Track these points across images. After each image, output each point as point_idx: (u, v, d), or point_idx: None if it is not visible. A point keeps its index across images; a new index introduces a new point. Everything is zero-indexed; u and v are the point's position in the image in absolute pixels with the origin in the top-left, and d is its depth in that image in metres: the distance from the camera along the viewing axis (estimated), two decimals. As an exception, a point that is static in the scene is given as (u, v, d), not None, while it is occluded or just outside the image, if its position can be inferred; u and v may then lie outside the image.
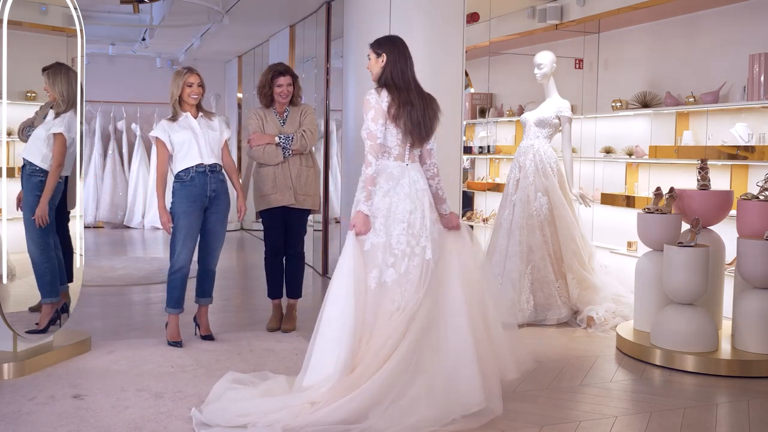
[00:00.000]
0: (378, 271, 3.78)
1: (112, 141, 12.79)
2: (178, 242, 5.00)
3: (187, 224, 4.99)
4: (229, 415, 3.52)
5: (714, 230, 5.29)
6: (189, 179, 4.98)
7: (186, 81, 5.03)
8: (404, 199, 3.90)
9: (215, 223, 5.14)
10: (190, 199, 4.98)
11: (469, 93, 9.96)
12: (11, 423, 3.63)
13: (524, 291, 5.87)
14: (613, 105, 7.41)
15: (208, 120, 5.15)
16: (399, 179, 3.94)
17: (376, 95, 3.94)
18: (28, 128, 4.92)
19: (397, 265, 3.80)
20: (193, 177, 4.98)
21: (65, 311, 4.94)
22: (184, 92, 5.04)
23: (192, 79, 5.06)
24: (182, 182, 5.00)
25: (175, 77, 5.07)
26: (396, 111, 3.93)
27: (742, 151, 5.96)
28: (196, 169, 4.99)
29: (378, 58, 4.05)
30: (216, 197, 5.08)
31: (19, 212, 4.77)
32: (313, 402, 3.52)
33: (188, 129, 5.02)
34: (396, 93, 3.95)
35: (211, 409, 3.61)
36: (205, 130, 5.07)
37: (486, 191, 9.69)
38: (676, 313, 4.88)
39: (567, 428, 3.72)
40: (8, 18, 4.40)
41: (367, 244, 3.83)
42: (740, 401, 4.19)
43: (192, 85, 5.04)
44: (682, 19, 7.00)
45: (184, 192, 4.98)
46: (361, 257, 3.79)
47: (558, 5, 7.91)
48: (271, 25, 10.21)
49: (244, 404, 3.60)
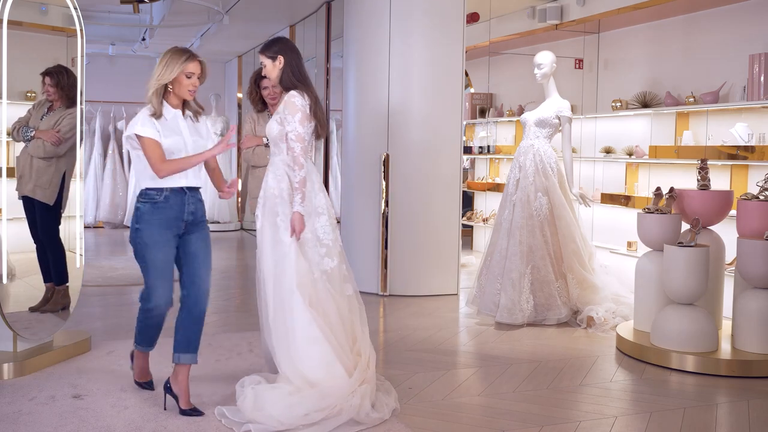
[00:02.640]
0: (316, 263, 3.97)
1: (112, 141, 12.78)
2: (151, 278, 3.83)
3: (161, 257, 3.79)
4: (295, 414, 3.58)
5: (714, 230, 5.29)
6: (162, 199, 3.78)
7: (186, 69, 3.83)
8: (319, 193, 4.05)
9: (198, 245, 3.89)
10: (163, 225, 3.77)
11: (469, 93, 9.97)
12: (11, 423, 3.63)
13: (524, 291, 5.87)
14: (613, 105, 7.41)
15: (194, 122, 3.97)
16: (311, 174, 4.03)
17: (301, 98, 3.98)
18: (24, 128, 4.91)
19: (330, 254, 4.01)
20: (167, 197, 3.78)
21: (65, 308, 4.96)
22: (179, 82, 3.83)
23: (193, 68, 3.87)
24: (153, 203, 3.77)
25: (170, 59, 3.81)
26: (314, 109, 4.02)
27: (742, 151, 5.96)
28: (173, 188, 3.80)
29: (274, 62, 4.05)
30: (194, 221, 3.87)
31: (18, 212, 4.76)
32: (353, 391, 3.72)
33: (178, 134, 3.83)
34: (306, 91, 4.02)
35: (269, 414, 3.60)
36: (194, 137, 3.89)
37: (486, 191, 9.70)
38: (676, 313, 4.88)
39: (567, 428, 3.72)
40: (8, 18, 4.40)
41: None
42: (740, 401, 4.19)
43: (192, 76, 3.88)
44: (682, 19, 7.00)
45: (156, 216, 3.76)
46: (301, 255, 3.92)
47: (558, 5, 7.91)
48: (271, 25, 10.22)
49: (306, 403, 3.65)
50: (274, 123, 3.99)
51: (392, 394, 3.98)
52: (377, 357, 4.24)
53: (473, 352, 5.18)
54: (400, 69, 6.91)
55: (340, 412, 3.62)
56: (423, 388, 4.27)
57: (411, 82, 6.92)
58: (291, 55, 4.06)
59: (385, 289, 6.93)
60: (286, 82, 4.04)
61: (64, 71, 4.92)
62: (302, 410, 3.57)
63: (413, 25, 6.90)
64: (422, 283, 6.96)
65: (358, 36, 7.19)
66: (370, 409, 3.71)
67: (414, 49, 6.93)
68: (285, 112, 3.94)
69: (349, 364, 3.83)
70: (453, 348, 5.26)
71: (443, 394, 4.18)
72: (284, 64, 4.03)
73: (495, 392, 4.25)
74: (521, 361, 4.88)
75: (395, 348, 5.17)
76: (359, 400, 3.68)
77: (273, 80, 4.11)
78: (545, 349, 5.19)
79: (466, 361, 4.98)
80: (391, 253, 6.91)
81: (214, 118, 12.57)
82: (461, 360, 5.02)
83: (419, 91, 6.92)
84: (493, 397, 4.18)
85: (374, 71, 7.01)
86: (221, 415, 3.70)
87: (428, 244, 6.95)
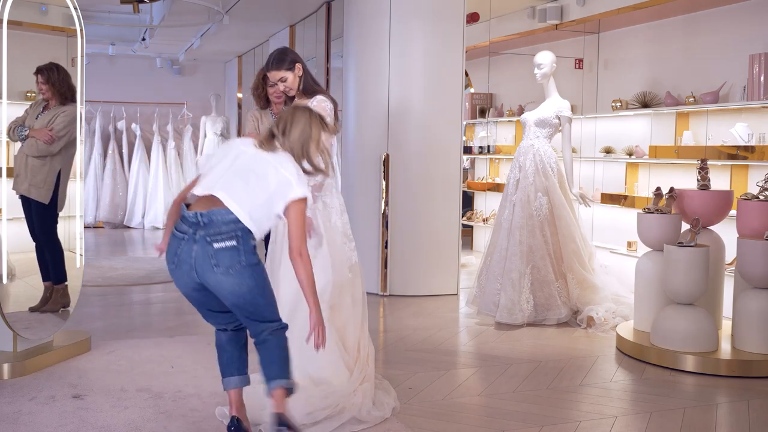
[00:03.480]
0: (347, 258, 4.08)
1: (112, 141, 12.78)
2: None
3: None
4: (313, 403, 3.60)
5: (714, 230, 5.29)
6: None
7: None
8: (338, 193, 4.15)
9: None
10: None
11: (469, 93, 9.97)
12: (11, 423, 3.63)
13: (524, 291, 5.87)
14: (613, 105, 7.41)
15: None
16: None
17: (329, 102, 4.00)
18: (20, 128, 4.90)
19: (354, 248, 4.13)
20: None
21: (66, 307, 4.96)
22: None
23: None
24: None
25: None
26: (335, 111, 4.06)
27: (742, 151, 5.96)
28: None
29: (293, 71, 4.03)
30: None
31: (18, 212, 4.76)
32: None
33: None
34: (328, 96, 4.06)
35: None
36: None
37: (486, 191, 9.70)
38: (676, 313, 4.88)
39: (567, 428, 3.72)
40: (8, 18, 4.39)
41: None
42: (740, 401, 4.19)
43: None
44: (682, 19, 7.00)
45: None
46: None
47: (558, 5, 7.91)
48: (271, 25, 10.22)
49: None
50: None
51: (391, 393, 3.99)
52: (377, 357, 4.24)
53: (473, 352, 5.18)
54: (400, 69, 6.91)
55: (343, 410, 3.62)
56: (423, 388, 4.26)
57: (411, 82, 6.91)
58: (302, 62, 4.08)
59: (385, 289, 6.93)
60: (308, 87, 4.05)
61: (54, 68, 4.90)
62: (307, 409, 3.58)
63: (413, 25, 6.90)
64: (422, 283, 6.96)
65: (358, 36, 7.19)
66: (371, 407, 3.72)
67: (414, 49, 6.93)
68: None
69: (349, 361, 3.85)
70: (453, 348, 5.26)
71: (443, 394, 4.18)
72: (303, 71, 4.05)
73: (495, 392, 4.25)
74: (521, 361, 4.88)
75: (395, 348, 5.17)
76: (361, 399, 3.69)
77: (295, 90, 4.06)
78: (545, 349, 5.19)
79: (466, 361, 4.98)
80: (391, 253, 6.91)
81: (214, 118, 12.59)
82: (461, 360, 5.02)
83: (419, 91, 6.92)
84: (493, 397, 4.18)
85: (374, 71, 7.01)
86: (222, 416, 3.70)
87: (428, 244, 6.95)
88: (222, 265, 3.01)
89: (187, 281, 3.11)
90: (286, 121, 3.27)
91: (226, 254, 3.02)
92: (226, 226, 3.03)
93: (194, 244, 3.03)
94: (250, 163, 3.19)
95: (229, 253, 3.02)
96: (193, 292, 3.15)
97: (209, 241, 3.02)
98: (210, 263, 3.02)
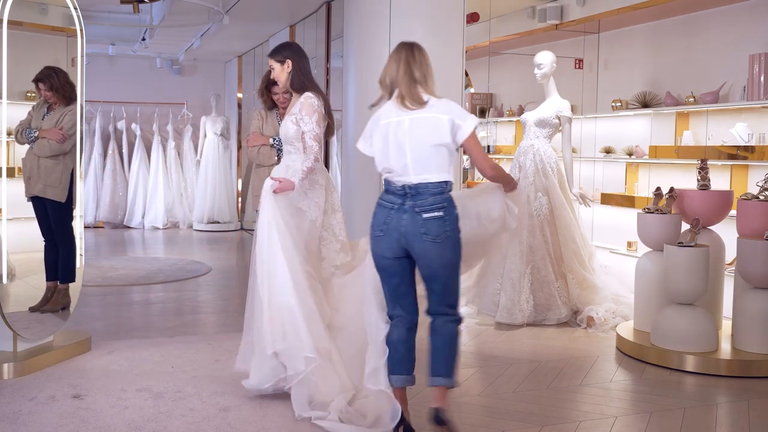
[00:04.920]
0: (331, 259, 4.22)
1: (112, 141, 12.78)
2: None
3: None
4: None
5: (714, 230, 5.29)
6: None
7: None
8: (334, 191, 4.20)
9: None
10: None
11: (469, 93, 9.97)
12: (11, 423, 3.63)
13: (524, 291, 5.87)
14: (613, 105, 7.41)
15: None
16: (323, 171, 4.18)
17: (317, 99, 4.07)
18: (27, 130, 4.94)
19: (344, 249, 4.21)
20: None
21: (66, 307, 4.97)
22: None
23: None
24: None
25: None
26: (327, 109, 4.13)
27: (742, 151, 5.95)
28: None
29: (282, 65, 4.14)
30: None
31: (18, 212, 4.77)
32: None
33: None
34: (318, 93, 4.11)
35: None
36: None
37: (486, 191, 9.67)
38: (676, 313, 4.88)
39: (567, 428, 3.72)
40: (8, 18, 4.40)
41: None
42: (740, 401, 4.19)
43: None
44: (682, 19, 7.00)
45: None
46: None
47: (558, 5, 7.91)
48: (271, 25, 10.21)
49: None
50: (290, 123, 4.10)
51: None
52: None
53: (473, 352, 5.18)
54: (400, 69, 6.88)
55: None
56: (423, 388, 4.26)
57: (411, 82, 6.89)
58: (299, 60, 4.15)
59: (385, 289, 6.91)
60: (296, 85, 4.13)
61: (53, 73, 4.96)
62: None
63: (413, 25, 6.88)
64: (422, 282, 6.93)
65: (358, 36, 7.19)
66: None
67: (414, 49, 6.90)
68: (302, 113, 4.03)
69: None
70: (453, 348, 5.26)
71: (443, 394, 4.17)
72: (292, 67, 4.12)
73: (495, 392, 4.25)
74: (521, 361, 4.88)
75: (395, 348, 5.17)
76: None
77: (282, 83, 4.19)
78: (545, 349, 5.19)
79: (466, 361, 4.97)
80: (391, 253, 6.89)
81: (214, 118, 12.59)
82: (461, 360, 5.01)
83: (419, 91, 6.89)
84: (493, 397, 4.18)
85: (374, 71, 6.96)
86: (317, 417, 3.68)
87: (428, 244, 6.93)
88: (430, 233, 3.31)
89: (394, 247, 3.40)
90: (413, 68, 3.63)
91: (435, 223, 3.31)
92: (433, 197, 3.32)
93: (404, 213, 3.34)
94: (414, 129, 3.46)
95: (437, 222, 3.31)
96: (395, 260, 3.43)
97: (418, 212, 3.32)
98: (419, 231, 3.31)
